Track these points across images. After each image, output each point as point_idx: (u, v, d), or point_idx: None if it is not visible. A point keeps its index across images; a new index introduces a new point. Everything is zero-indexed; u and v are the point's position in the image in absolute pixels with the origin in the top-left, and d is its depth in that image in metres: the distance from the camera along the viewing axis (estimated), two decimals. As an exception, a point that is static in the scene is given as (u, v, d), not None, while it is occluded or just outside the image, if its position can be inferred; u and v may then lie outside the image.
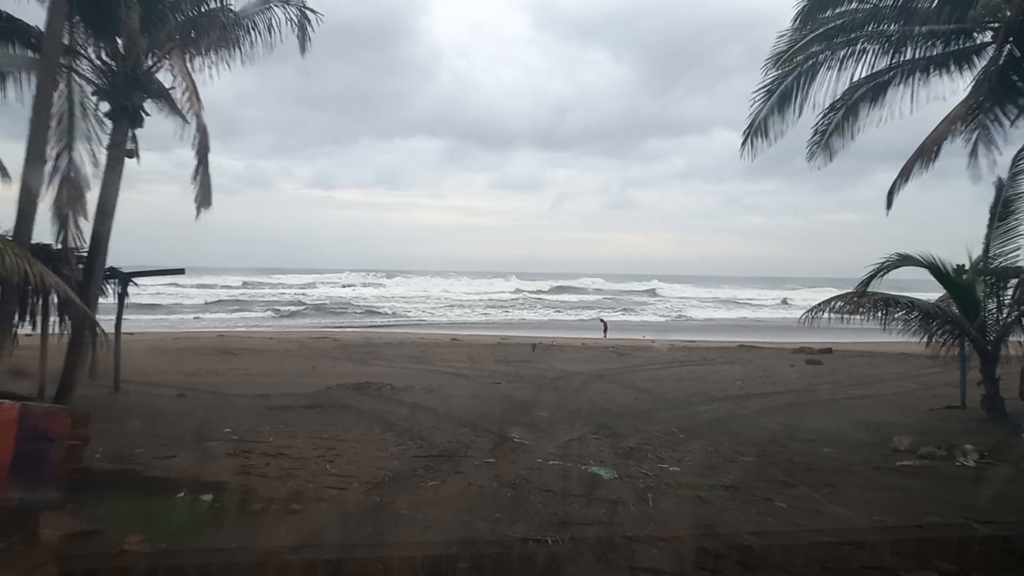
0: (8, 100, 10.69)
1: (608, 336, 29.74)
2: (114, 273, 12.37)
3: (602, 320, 34.43)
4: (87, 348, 10.00)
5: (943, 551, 5.04)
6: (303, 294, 54.53)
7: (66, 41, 10.14)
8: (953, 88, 11.35)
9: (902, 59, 11.48)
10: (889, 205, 12.92)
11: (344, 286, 61.71)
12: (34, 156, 9.04)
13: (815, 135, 12.93)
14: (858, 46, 11.83)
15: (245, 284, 54.19)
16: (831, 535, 5.41)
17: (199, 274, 49.99)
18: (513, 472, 7.27)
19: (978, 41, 11.37)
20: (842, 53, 11.83)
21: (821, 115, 12.66)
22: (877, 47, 11.44)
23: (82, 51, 10.29)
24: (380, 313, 45.34)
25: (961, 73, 11.12)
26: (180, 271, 14.34)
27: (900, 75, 12.03)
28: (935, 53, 11.36)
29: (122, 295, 13.30)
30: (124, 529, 4.86)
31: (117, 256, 10.95)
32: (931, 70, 11.29)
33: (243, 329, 31.78)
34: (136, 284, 13.79)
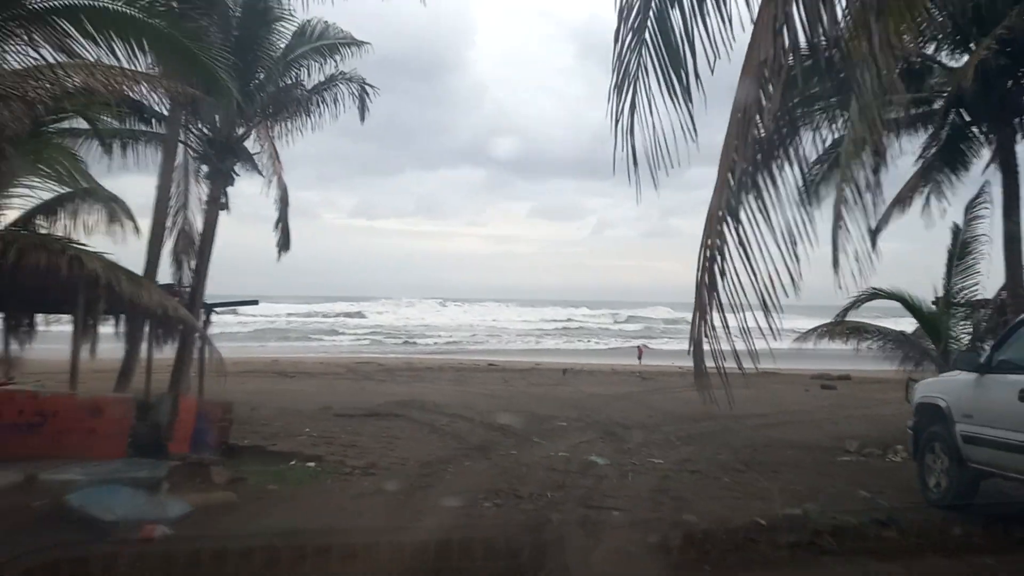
0: (127, 163, 13.81)
1: (642, 362, 32.06)
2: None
3: (639, 348, 36.79)
4: (190, 362, 12.92)
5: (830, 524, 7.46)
6: (347, 321, 57.92)
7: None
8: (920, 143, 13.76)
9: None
10: (873, 245, 15.31)
11: (383, 312, 64.97)
12: (159, 216, 12.13)
13: (805, 184, 15.44)
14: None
15: (290, 314, 57.76)
16: (746, 500, 7.92)
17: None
18: (529, 459, 9.90)
19: (935, 106, 13.83)
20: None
21: (807, 168, 15.18)
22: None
23: (191, 129, 13.37)
24: (421, 339, 48.29)
25: (926, 131, 13.53)
26: (254, 302, 17.32)
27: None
28: (901, 116, 13.83)
29: (206, 322, 16.33)
30: (261, 479, 7.66)
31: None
32: (899, 130, 13.76)
33: (293, 355, 34.88)
34: (217, 313, 16.81)
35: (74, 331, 10.74)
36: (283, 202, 14.16)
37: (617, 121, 4.03)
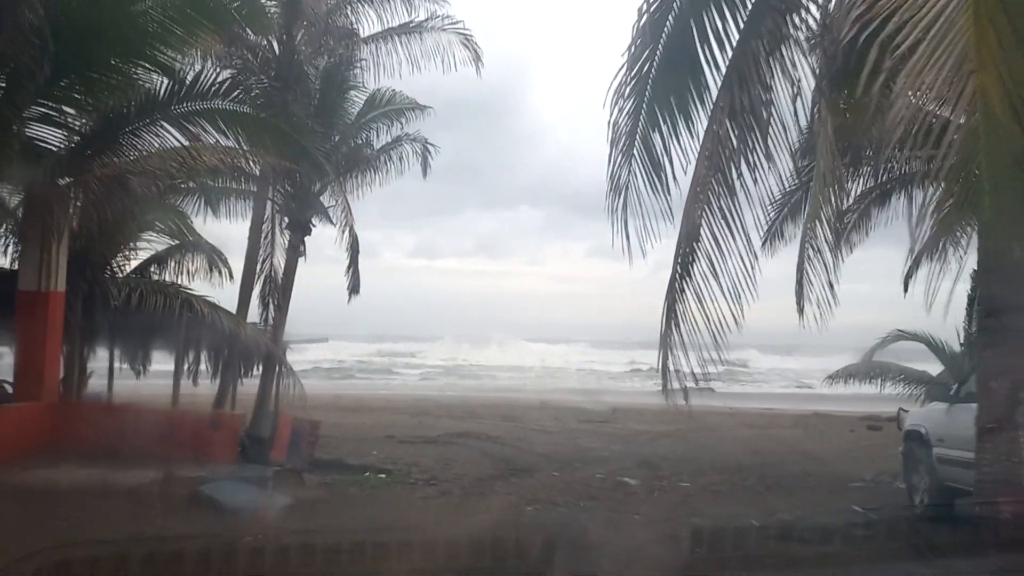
0: (222, 214, 16.14)
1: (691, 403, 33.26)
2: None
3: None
4: (273, 391, 15.00)
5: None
6: (405, 360, 60.34)
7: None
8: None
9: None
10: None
11: (440, 351, 67.12)
12: (250, 263, 14.39)
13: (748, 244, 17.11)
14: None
15: (351, 353, 60.40)
16: (749, 510, 9.47)
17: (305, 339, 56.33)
18: (569, 479, 11.63)
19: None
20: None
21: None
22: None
23: (277, 187, 15.67)
24: (477, 378, 50.24)
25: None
26: (324, 340, 19.55)
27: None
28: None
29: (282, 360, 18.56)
30: (343, 484, 9.58)
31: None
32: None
33: (354, 392, 37.15)
34: (292, 349, 19.05)
35: (176, 361, 13.03)
36: (354, 249, 16.31)
37: (613, 212, 5.88)
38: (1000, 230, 4.89)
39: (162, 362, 13.71)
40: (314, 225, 16.58)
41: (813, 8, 5.25)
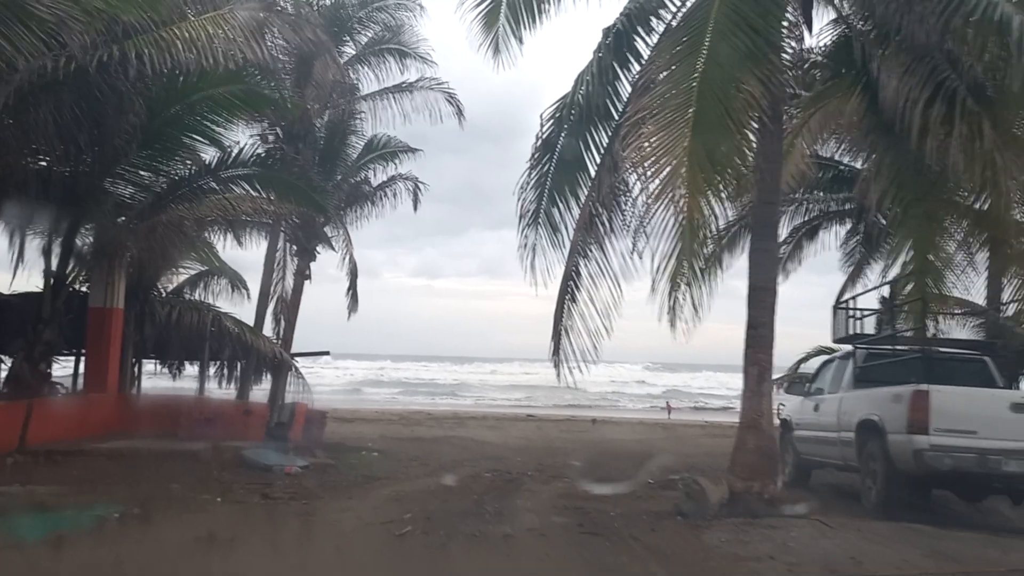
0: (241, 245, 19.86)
1: (671, 417, 36.91)
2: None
3: (667, 403, 41.60)
4: (284, 392, 18.65)
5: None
6: (402, 376, 64.05)
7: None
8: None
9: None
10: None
11: (437, 369, 70.76)
12: (265, 285, 18.11)
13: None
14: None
15: (348, 370, 64.04)
16: (655, 473, 13.05)
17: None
18: (529, 463, 15.22)
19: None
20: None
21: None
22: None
23: (287, 220, 19.39)
24: (469, 394, 53.86)
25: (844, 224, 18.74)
26: (326, 353, 23.15)
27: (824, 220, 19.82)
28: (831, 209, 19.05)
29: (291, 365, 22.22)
30: (346, 457, 13.22)
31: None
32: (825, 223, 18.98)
33: (350, 405, 40.78)
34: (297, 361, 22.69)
35: (201, 368, 16.73)
36: (353, 274, 20.11)
37: (524, 260, 9.58)
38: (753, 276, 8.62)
39: (194, 367, 17.39)
40: (319, 252, 20.35)
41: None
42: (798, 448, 12.67)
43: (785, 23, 9.24)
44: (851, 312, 12.30)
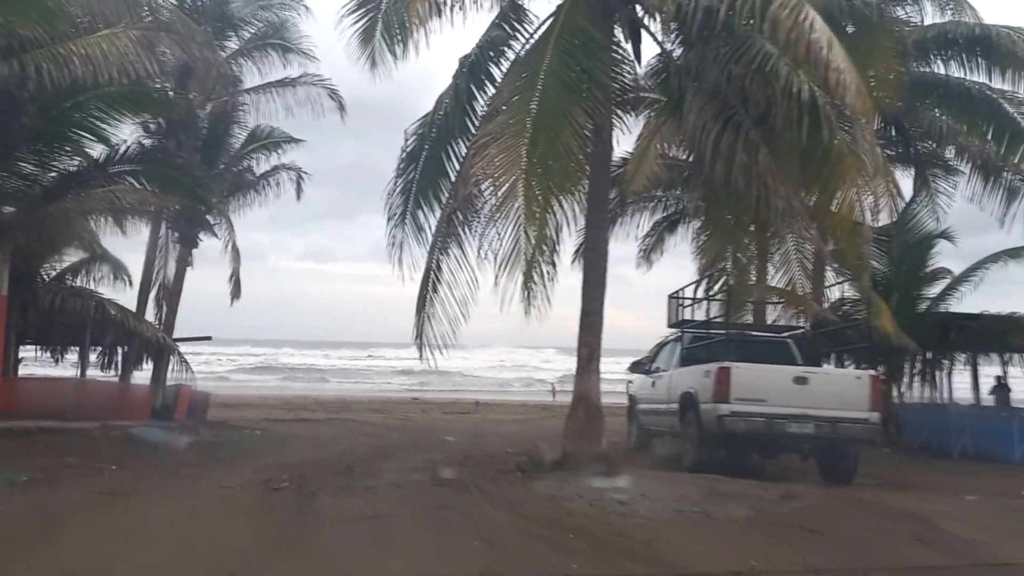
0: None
1: (556, 399, 39.26)
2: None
3: (553, 386, 44.00)
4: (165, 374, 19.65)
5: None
6: (288, 361, 64.37)
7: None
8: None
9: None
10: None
11: (322, 356, 71.29)
12: (147, 272, 19.04)
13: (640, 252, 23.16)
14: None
15: (227, 355, 63.80)
16: (513, 446, 14.95)
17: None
18: (405, 439, 16.86)
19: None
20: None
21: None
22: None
23: (170, 207, 20.30)
24: (356, 379, 54.95)
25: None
26: (208, 338, 24.07)
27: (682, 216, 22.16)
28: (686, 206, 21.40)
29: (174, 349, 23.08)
30: (230, 435, 14.53)
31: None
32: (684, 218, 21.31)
33: (232, 392, 41.35)
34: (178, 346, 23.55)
35: (82, 353, 17.62)
36: (236, 261, 21.19)
37: (392, 256, 11.21)
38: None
39: (76, 352, 18.20)
40: (201, 239, 21.31)
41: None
42: (640, 419, 14.83)
43: (617, 54, 11.20)
44: (680, 300, 14.44)
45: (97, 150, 13.92)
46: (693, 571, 6.18)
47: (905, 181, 19.20)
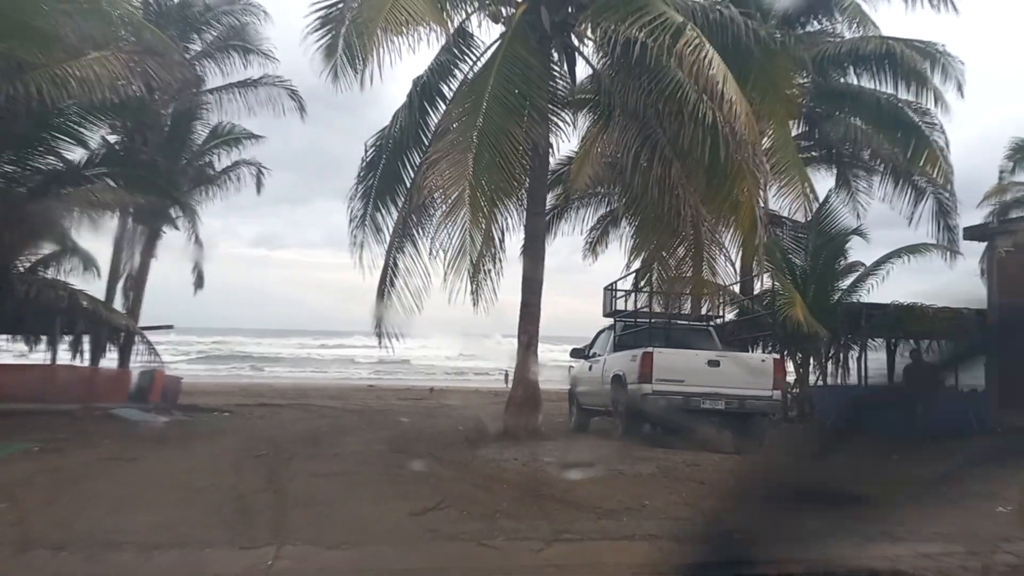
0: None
1: (508, 385, 41.11)
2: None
3: (506, 373, 45.95)
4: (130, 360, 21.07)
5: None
6: (244, 350, 65.32)
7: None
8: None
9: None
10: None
11: (280, 344, 72.26)
12: (115, 264, 20.42)
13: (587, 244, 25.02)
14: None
15: (186, 344, 64.57)
16: (461, 424, 16.74)
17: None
18: (359, 422, 18.53)
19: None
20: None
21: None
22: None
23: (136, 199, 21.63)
24: (315, 368, 56.29)
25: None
26: (169, 327, 25.44)
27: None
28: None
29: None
30: (202, 416, 16.10)
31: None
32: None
33: (189, 380, 42.51)
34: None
35: (52, 341, 18.98)
36: (199, 252, 22.62)
37: (354, 252, 12.89)
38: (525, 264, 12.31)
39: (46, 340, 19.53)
40: (164, 232, 22.73)
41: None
42: (580, 400, 16.71)
43: (556, 73, 12.99)
44: (614, 292, 16.33)
45: (77, 153, 15.36)
46: (598, 508, 8.02)
47: (829, 180, 21.46)
